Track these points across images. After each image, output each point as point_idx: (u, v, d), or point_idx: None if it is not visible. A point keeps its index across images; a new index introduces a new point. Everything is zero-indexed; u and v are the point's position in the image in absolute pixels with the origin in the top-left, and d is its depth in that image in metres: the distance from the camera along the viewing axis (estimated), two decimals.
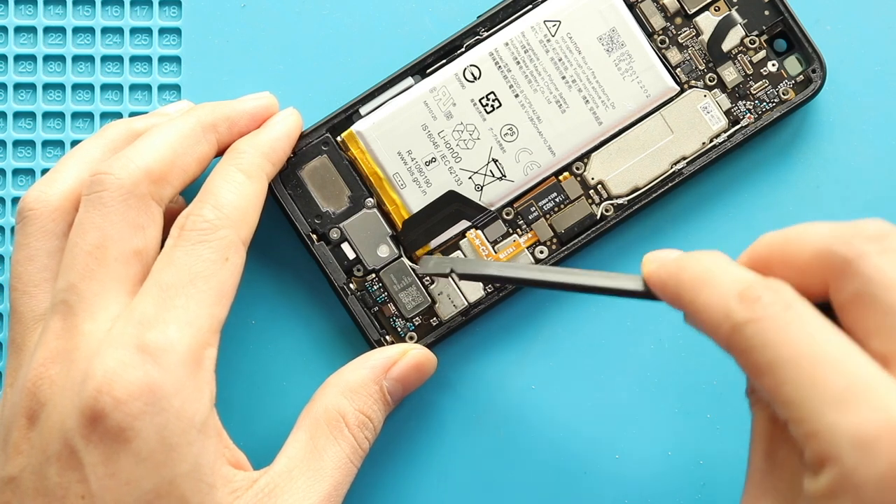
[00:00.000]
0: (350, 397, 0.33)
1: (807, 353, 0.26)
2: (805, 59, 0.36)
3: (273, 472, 0.31)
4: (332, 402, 0.33)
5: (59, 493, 0.29)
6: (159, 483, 0.29)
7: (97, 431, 0.29)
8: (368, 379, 0.34)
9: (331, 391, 0.33)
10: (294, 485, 0.31)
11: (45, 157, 0.38)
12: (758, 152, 0.37)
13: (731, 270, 0.28)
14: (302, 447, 0.32)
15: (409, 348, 0.35)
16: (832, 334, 0.26)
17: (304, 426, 0.33)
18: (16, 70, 0.38)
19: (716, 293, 0.28)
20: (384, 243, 0.36)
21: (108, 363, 0.29)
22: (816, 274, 0.28)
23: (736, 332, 0.27)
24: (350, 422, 0.33)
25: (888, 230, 0.27)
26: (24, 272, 0.32)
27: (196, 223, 0.31)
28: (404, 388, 0.34)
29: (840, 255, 0.27)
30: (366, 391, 0.33)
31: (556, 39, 0.36)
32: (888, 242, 0.27)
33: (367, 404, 0.33)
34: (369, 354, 0.34)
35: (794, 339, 0.26)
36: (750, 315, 0.27)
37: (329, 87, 0.37)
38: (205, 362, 0.30)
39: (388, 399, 0.34)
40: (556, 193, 0.36)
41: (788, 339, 0.26)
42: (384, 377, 0.34)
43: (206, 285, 0.31)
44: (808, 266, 0.28)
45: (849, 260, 0.27)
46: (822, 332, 0.26)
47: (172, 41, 0.38)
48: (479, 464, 0.37)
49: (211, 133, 0.34)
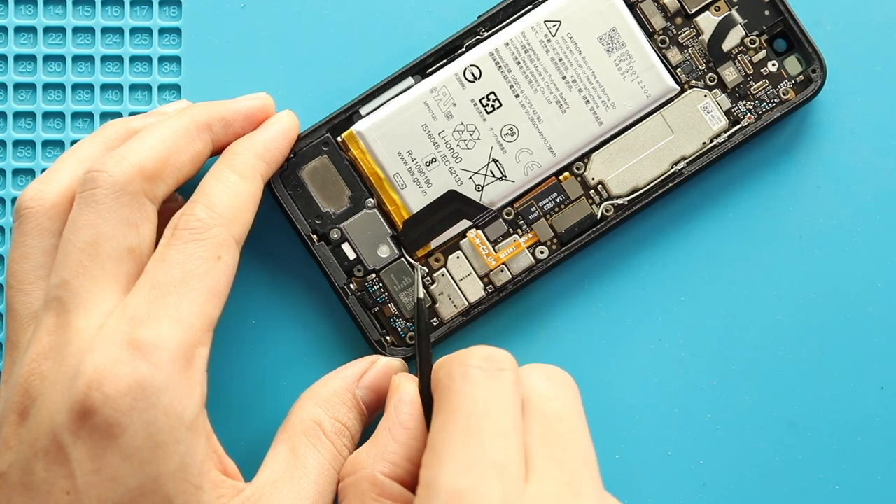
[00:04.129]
0: (324, 407, 0.33)
1: (480, 416, 0.29)
2: (805, 59, 0.36)
3: (258, 483, 0.31)
4: (307, 413, 0.33)
5: (44, 489, 0.29)
6: (144, 481, 0.29)
7: (86, 427, 0.29)
8: (341, 388, 0.34)
9: (305, 403, 0.34)
10: (280, 494, 0.31)
11: (45, 157, 0.38)
12: (758, 152, 0.37)
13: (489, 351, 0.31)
14: (283, 459, 0.32)
15: (378, 358, 0.35)
16: (514, 412, 0.29)
17: (283, 440, 0.33)
18: (16, 70, 0.38)
19: (458, 356, 0.31)
20: (384, 243, 0.36)
21: (98, 359, 0.29)
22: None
23: (446, 377, 0.30)
24: (327, 429, 0.33)
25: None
26: (20, 270, 0.32)
27: (188, 222, 0.31)
28: (378, 396, 0.34)
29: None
30: (339, 400, 0.34)
31: (557, 39, 0.36)
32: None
33: (342, 412, 0.33)
34: (340, 368, 0.35)
35: (482, 398, 0.29)
36: (466, 363, 0.30)
37: (329, 87, 0.37)
38: (196, 361, 0.30)
39: (362, 408, 0.34)
40: (557, 193, 0.36)
41: (475, 395, 0.29)
42: (356, 386, 0.34)
43: (199, 284, 0.31)
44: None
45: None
46: (510, 405, 0.29)
47: (172, 41, 0.38)
48: None
49: (205, 132, 0.34)
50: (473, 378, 0.29)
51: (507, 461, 0.27)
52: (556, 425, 0.29)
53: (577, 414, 0.30)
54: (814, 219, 0.37)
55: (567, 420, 0.29)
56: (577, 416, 0.30)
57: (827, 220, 0.37)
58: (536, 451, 0.28)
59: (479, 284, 0.36)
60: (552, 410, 0.29)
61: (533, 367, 0.31)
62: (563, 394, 0.30)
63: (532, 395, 0.30)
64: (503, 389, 0.29)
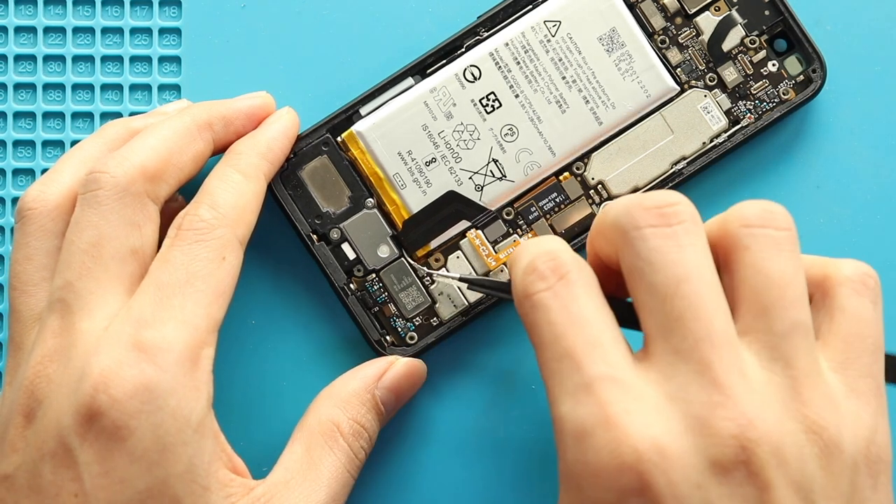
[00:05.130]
0: (343, 407, 0.33)
1: (560, 340, 0.27)
2: (805, 59, 0.36)
3: (270, 482, 0.31)
4: (325, 413, 0.33)
5: (52, 492, 0.29)
6: (152, 483, 0.29)
7: (93, 430, 0.29)
8: (360, 389, 0.34)
9: (324, 403, 0.34)
10: (291, 495, 0.31)
11: (45, 157, 0.38)
12: (758, 152, 0.37)
13: (539, 245, 0.29)
14: (298, 458, 0.32)
15: (397, 358, 0.35)
16: (593, 318, 0.27)
17: (300, 438, 0.33)
18: (16, 70, 0.38)
19: (515, 269, 0.29)
20: (384, 243, 0.36)
21: (104, 361, 0.29)
22: (612, 244, 0.28)
23: (520, 308, 0.28)
24: (344, 431, 0.33)
25: (679, 212, 0.27)
26: (23, 271, 0.32)
27: (193, 223, 0.31)
28: (397, 397, 0.34)
29: (621, 227, 0.28)
30: (358, 400, 0.34)
31: (557, 39, 0.36)
32: (674, 224, 0.27)
33: (361, 413, 0.33)
34: (359, 367, 0.35)
35: (554, 322, 0.27)
36: (527, 289, 0.28)
37: (329, 87, 0.37)
38: (202, 362, 0.30)
39: (381, 408, 0.34)
40: (557, 193, 0.36)
41: (550, 320, 0.27)
42: (376, 386, 0.34)
43: (204, 285, 0.31)
44: (609, 235, 0.28)
45: (626, 232, 0.27)
46: (583, 316, 0.27)
47: (172, 41, 0.38)
48: (479, 464, 0.37)
49: (206, 131, 0.34)
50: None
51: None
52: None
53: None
54: (814, 219, 0.37)
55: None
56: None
57: (827, 220, 0.37)
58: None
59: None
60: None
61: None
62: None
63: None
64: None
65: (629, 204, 0.28)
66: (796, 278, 0.27)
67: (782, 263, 0.27)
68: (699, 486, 0.25)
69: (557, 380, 0.27)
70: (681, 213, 0.27)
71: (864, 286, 0.29)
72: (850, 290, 0.29)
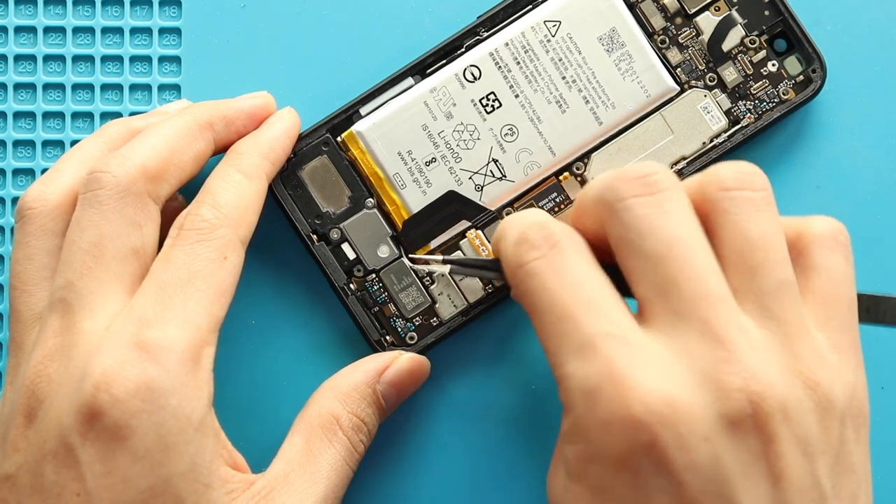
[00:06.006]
0: (343, 401, 0.33)
1: (559, 303, 0.27)
2: (805, 59, 0.36)
3: (269, 475, 0.31)
4: (325, 405, 0.33)
5: (54, 491, 0.29)
6: (155, 482, 0.29)
7: (94, 429, 0.29)
8: (362, 383, 0.34)
9: (324, 395, 0.34)
10: (290, 488, 0.31)
11: (45, 157, 0.38)
12: (758, 152, 0.37)
13: (527, 217, 0.29)
14: (297, 451, 0.32)
15: (401, 353, 0.35)
16: (588, 280, 0.28)
17: (299, 430, 0.33)
18: (16, 70, 0.38)
19: (505, 242, 0.29)
20: (384, 243, 0.36)
21: (106, 361, 0.29)
22: (596, 219, 0.29)
23: (513, 279, 0.29)
24: (344, 424, 0.33)
25: (659, 180, 0.28)
26: (23, 271, 0.32)
27: (194, 222, 0.31)
28: (398, 392, 0.34)
29: (605, 201, 0.28)
30: (359, 394, 0.34)
31: (557, 39, 0.36)
32: (656, 192, 0.28)
33: (361, 407, 0.33)
34: (362, 360, 0.35)
35: (550, 287, 0.28)
36: (520, 259, 0.29)
37: (329, 87, 0.37)
38: (203, 361, 0.30)
39: (381, 403, 0.34)
40: (557, 193, 0.36)
41: (545, 286, 0.28)
42: (377, 381, 0.34)
43: (205, 284, 0.31)
44: (592, 211, 0.29)
45: (611, 205, 0.28)
46: (578, 279, 0.28)
47: (172, 41, 0.38)
48: (479, 464, 0.37)
49: (207, 131, 0.34)
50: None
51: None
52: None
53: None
54: None
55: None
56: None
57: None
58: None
59: (479, 284, 0.36)
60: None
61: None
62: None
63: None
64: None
65: (610, 178, 0.28)
66: (778, 237, 0.28)
67: (763, 224, 0.28)
68: (707, 439, 0.26)
69: (558, 341, 0.27)
70: (662, 181, 0.28)
71: (836, 242, 0.29)
72: (823, 247, 0.29)
